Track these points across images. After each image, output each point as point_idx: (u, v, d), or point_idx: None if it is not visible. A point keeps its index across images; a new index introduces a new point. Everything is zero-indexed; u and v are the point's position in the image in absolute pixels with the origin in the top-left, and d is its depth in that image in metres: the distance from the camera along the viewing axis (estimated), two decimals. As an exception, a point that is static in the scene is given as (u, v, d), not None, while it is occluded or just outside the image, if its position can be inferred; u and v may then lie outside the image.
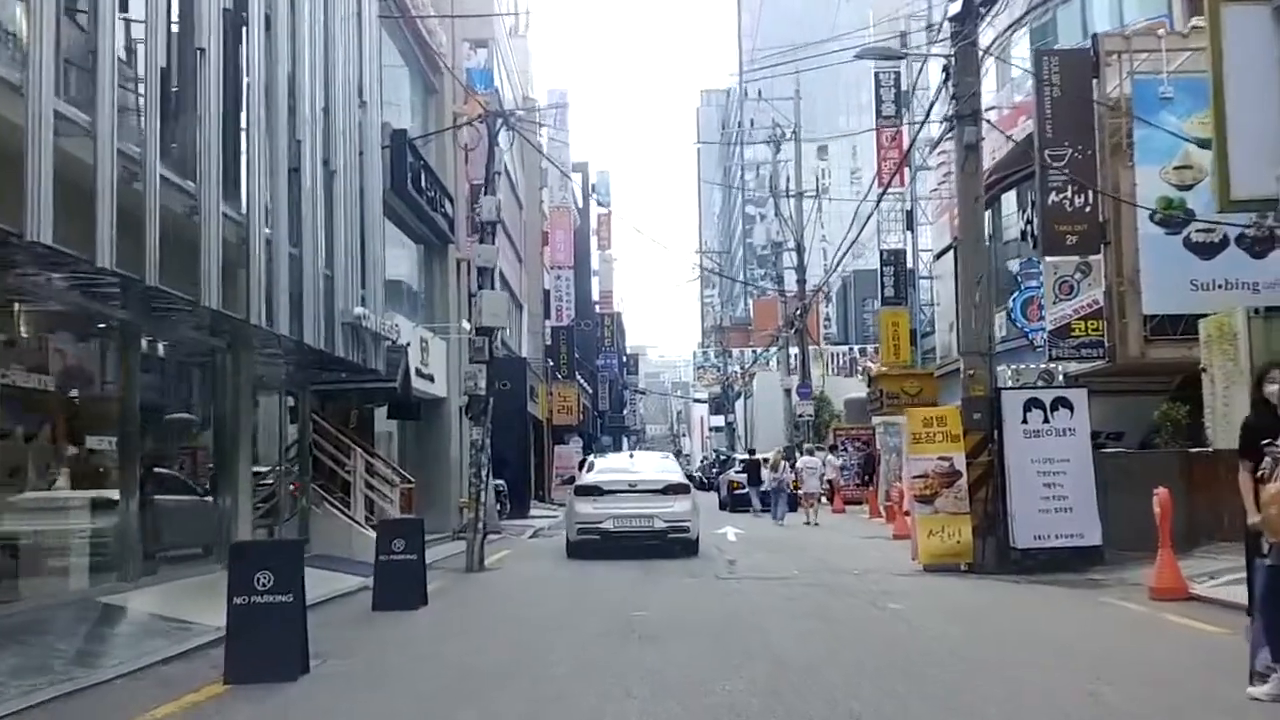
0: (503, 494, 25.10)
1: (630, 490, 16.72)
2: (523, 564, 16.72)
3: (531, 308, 39.42)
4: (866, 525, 24.68)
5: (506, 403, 30.21)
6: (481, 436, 15.55)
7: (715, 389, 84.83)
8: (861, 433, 34.41)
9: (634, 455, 23.70)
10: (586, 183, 61.90)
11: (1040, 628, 9.36)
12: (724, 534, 21.99)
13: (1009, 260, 26.87)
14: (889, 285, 34.94)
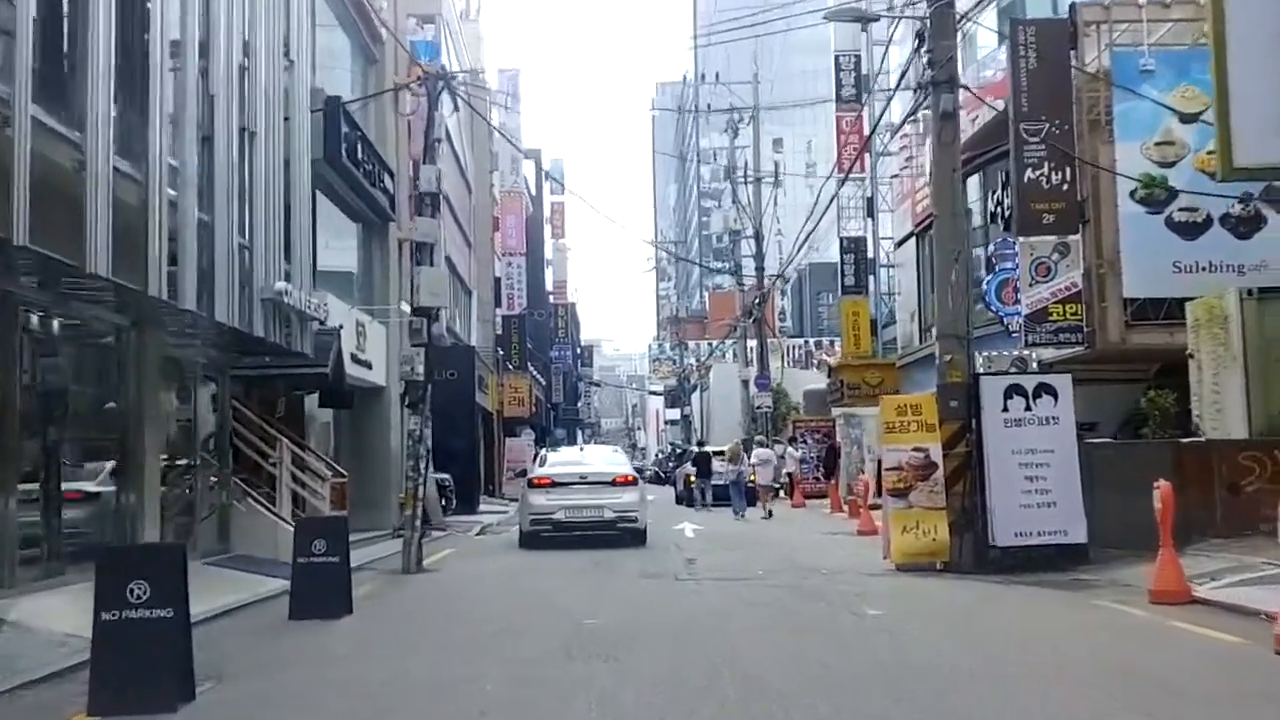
0: (448, 488, 23.88)
1: (581, 482, 17.22)
2: (466, 563, 15.53)
3: (481, 295, 38.13)
4: (829, 520, 23.72)
5: (454, 393, 28.99)
6: (419, 426, 14.33)
7: (671, 382, 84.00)
8: (821, 425, 33.51)
9: (584, 449, 24.44)
10: (540, 170, 60.55)
11: (1037, 638, 8.35)
12: (681, 529, 20.92)
13: (975, 248, 26.02)
14: (849, 274, 34.10)
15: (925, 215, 30.53)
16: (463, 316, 35.04)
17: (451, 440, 28.66)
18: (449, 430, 28.86)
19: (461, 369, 29.40)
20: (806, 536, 18.96)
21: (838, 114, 34.78)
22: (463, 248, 34.64)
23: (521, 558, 16.03)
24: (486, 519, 26.36)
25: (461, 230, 34.33)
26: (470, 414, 29.60)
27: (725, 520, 24.12)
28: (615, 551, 16.14)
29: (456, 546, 18.39)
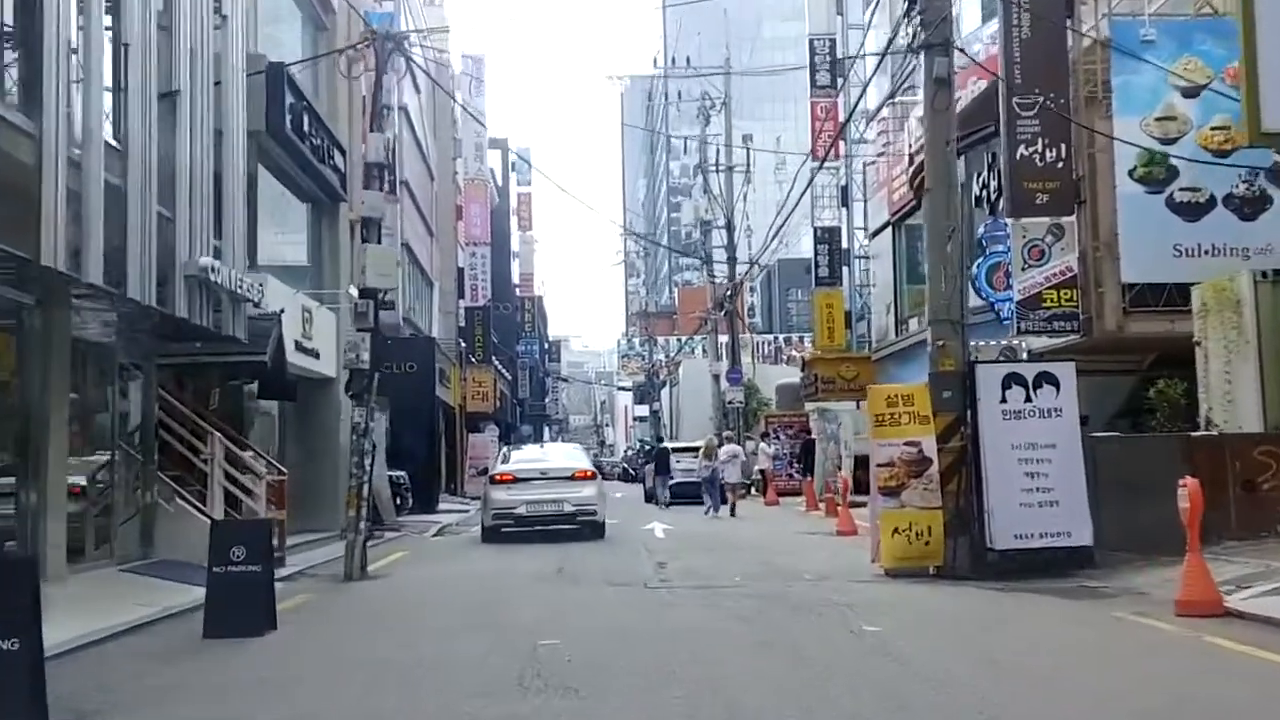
0: (403, 486, 22.61)
1: (541, 478, 17.65)
2: (416, 569, 14.31)
3: (444, 286, 36.82)
4: (804, 519, 22.67)
5: (412, 386, 27.72)
6: (364, 419, 13.08)
7: (640, 378, 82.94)
8: (795, 420, 32.50)
9: (544, 447, 25.40)
10: (506, 160, 59.24)
11: (1063, 661, 7.26)
12: (651, 529, 19.80)
13: (956, 234, 25.03)
14: (823, 265, 33.11)
15: (903, 203, 29.54)
16: (424, 308, 33.73)
17: (409, 436, 27.46)
18: (407, 425, 27.64)
19: (421, 361, 28.15)
20: (783, 537, 17.88)
21: (812, 100, 33.76)
22: (424, 237, 33.34)
23: (478, 562, 14.84)
24: (446, 518, 25.12)
25: (423, 218, 33.03)
26: (430, 408, 28.33)
27: (695, 519, 23.02)
28: (580, 553, 15.02)
29: (409, 549, 17.15)
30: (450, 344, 35.74)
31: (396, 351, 27.66)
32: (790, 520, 22.46)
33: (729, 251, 35.63)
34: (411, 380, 27.73)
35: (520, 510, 17.30)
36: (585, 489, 17.65)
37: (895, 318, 30.47)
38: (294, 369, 15.93)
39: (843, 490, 18.18)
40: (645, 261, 79.49)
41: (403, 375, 27.62)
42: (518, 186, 59.97)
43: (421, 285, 33.03)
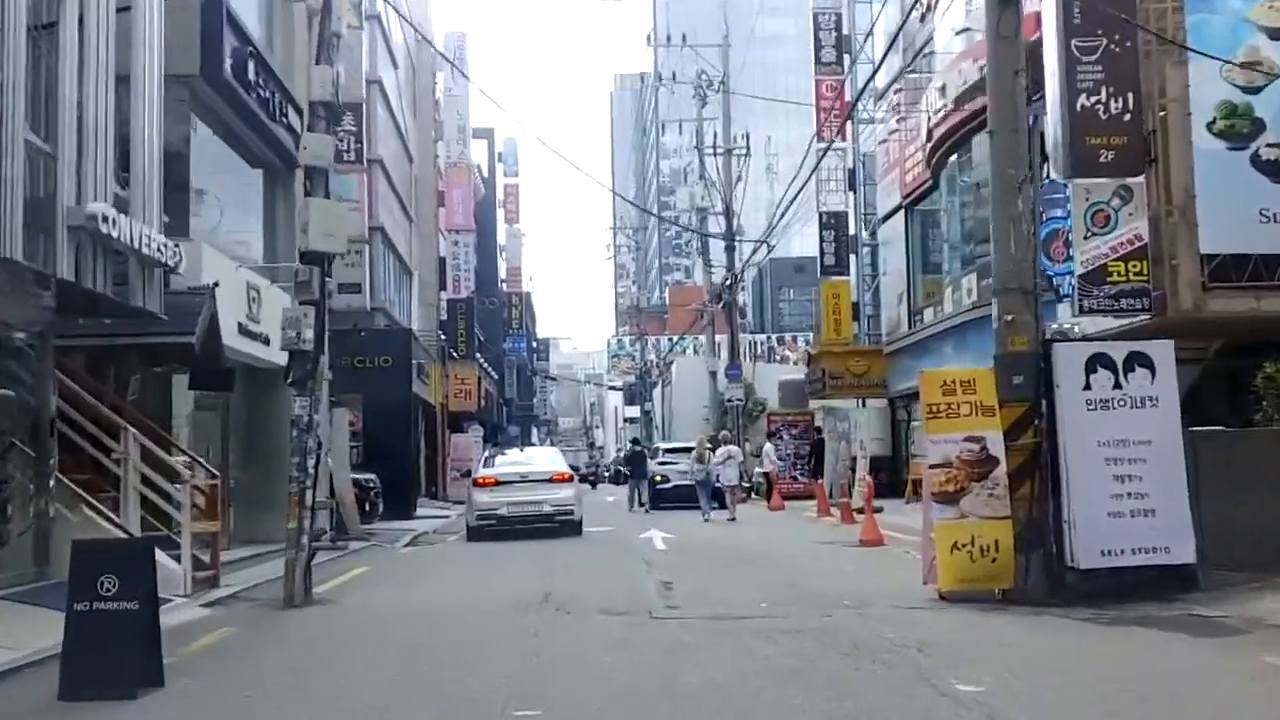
0: (372, 490, 20.34)
1: (522, 480, 18.59)
2: (374, 592, 12.04)
3: (424, 276, 34.56)
4: (817, 526, 20.49)
5: (387, 381, 25.52)
6: (307, 410, 10.81)
7: (630, 378, 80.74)
8: (799, 419, 30.32)
9: (525, 450, 26.29)
10: (493, 149, 57.04)
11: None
12: (649, 539, 17.60)
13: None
14: (829, 253, 31.00)
15: (916, 185, 27.38)
16: (403, 299, 31.48)
17: (384, 435, 25.25)
18: (382, 424, 25.42)
19: (397, 355, 25.93)
20: (801, 547, 15.69)
21: (817, 78, 31.65)
22: (402, 222, 31.09)
23: (448, 583, 12.63)
24: (422, 525, 22.88)
25: (400, 202, 30.79)
26: (406, 405, 26.10)
27: (694, 525, 20.83)
28: (570, 566, 12.87)
29: (373, 564, 14.90)
30: (431, 338, 33.51)
31: (370, 345, 25.48)
32: (802, 528, 20.28)
33: (728, 239, 33.46)
34: (387, 375, 25.54)
35: (502, 511, 18.15)
36: (563, 491, 18.57)
37: (908, 309, 28.36)
38: (235, 355, 13.71)
39: (867, 495, 16.02)
40: (636, 257, 77.29)
41: (377, 370, 25.45)
42: (504, 178, 57.81)
43: (399, 274, 30.78)
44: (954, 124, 21.99)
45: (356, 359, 25.42)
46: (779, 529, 20.11)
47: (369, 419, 25.59)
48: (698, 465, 23.74)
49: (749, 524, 21.51)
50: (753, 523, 21.89)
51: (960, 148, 22.86)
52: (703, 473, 23.34)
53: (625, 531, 19.46)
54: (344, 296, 19.33)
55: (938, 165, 24.59)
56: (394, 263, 29.46)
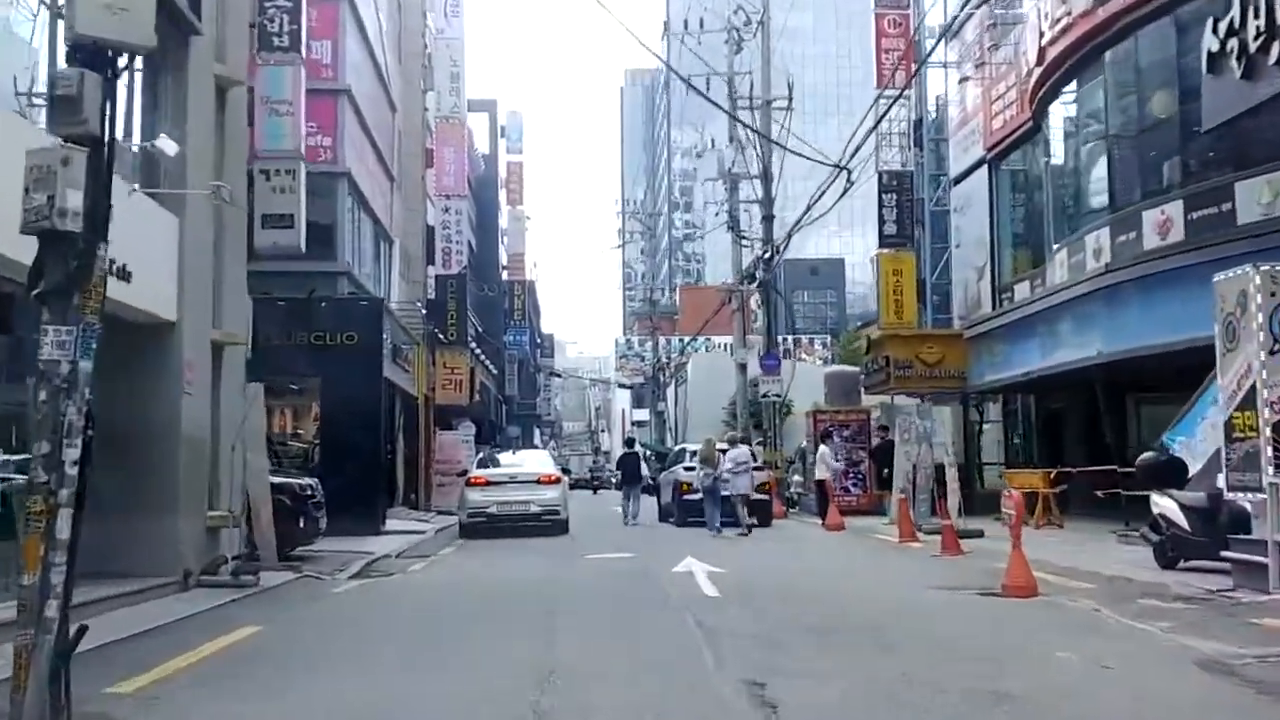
0: (311, 500, 15.19)
1: (511, 481, 19.54)
2: (211, 704, 6.83)
3: (409, 248, 29.58)
4: (905, 555, 15.44)
5: (351, 363, 20.48)
6: (66, 350, 5.63)
7: (639, 379, 75.91)
8: (852, 418, 25.22)
9: (517, 453, 26.11)
10: (495, 124, 52.10)
11: None
12: (688, 573, 12.57)
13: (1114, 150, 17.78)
14: (889, 219, 25.93)
15: (1008, 132, 22.21)
16: (380, 272, 26.49)
17: (347, 430, 20.28)
18: (344, 416, 20.41)
19: (365, 330, 20.88)
20: (920, 596, 10.64)
21: (877, 12, 26.66)
22: (379, 177, 26.11)
23: (372, 669, 7.47)
24: (388, 544, 17.84)
25: (378, 154, 25.82)
26: (375, 394, 21.03)
27: (737, 550, 15.87)
28: (580, 647, 7.77)
29: (270, 621, 9.59)
30: (415, 322, 28.50)
31: (332, 317, 20.53)
32: (890, 559, 15.22)
33: (764, 208, 28.41)
34: (352, 356, 20.50)
35: (492, 510, 18.99)
36: (549, 492, 19.37)
37: (992, 285, 23.23)
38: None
39: (1015, 514, 10.87)
40: (646, 249, 72.24)
41: (340, 349, 20.44)
42: (507, 155, 52.89)
43: (376, 240, 25.78)
44: (1085, 32, 16.93)
45: (314, 335, 20.48)
46: (861, 560, 15.05)
47: (328, 410, 20.63)
48: (703, 471, 19.62)
49: (812, 550, 16.51)
50: (816, 548, 16.88)
51: (1087, 69, 17.80)
52: (710, 479, 19.45)
53: (652, 561, 14.46)
54: (271, 232, 14.31)
55: (1046, 98, 19.52)
56: (367, 222, 24.49)
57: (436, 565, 15.04)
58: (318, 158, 21.25)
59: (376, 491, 20.78)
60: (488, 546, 18.41)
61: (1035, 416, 24.63)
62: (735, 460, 19.56)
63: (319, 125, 21.04)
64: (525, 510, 18.88)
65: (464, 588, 12.07)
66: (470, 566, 14.77)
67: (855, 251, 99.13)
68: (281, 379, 20.97)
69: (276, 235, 14.31)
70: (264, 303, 20.19)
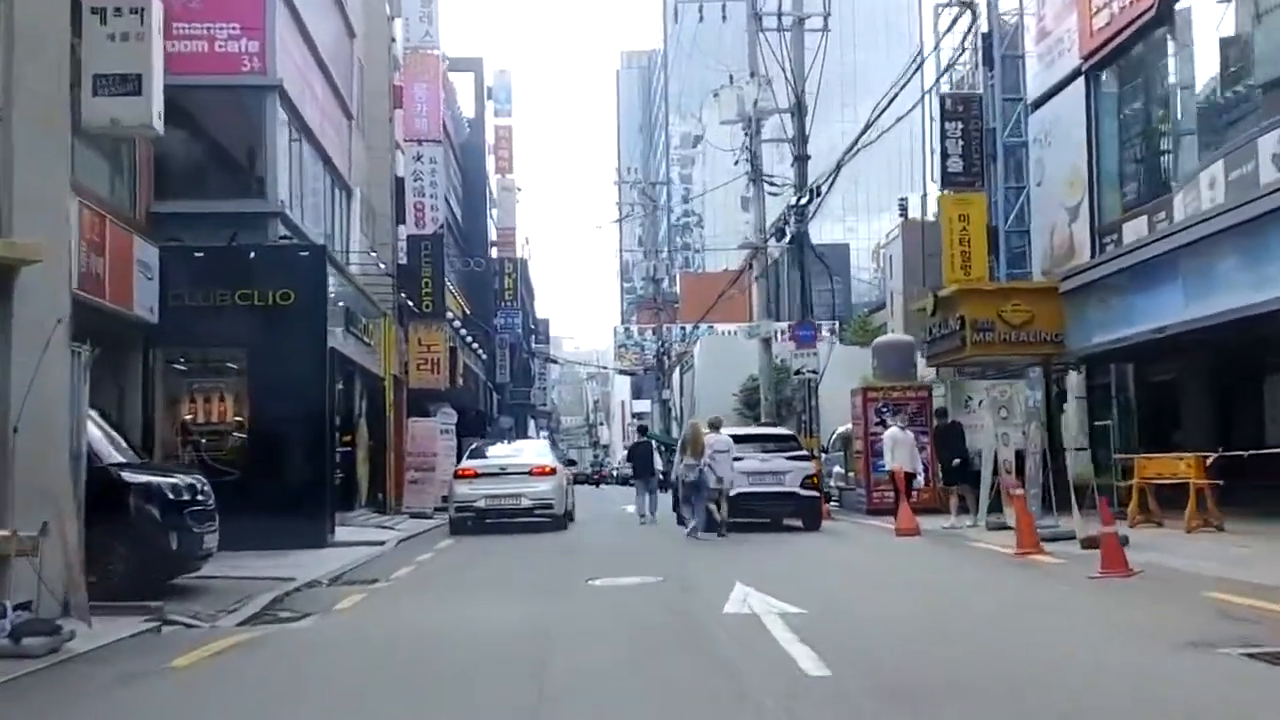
0: (195, 506, 10.41)
1: (501, 473, 18.06)
2: None
3: (376, 204, 24.99)
4: (1045, 573, 10.91)
5: (287, 331, 15.99)
6: None
7: (640, 369, 71.46)
8: (910, 395, 20.62)
9: (511, 444, 25.14)
10: (481, 85, 47.46)
11: None
12: (749, 615, 8.13)
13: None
14: (953, 154, 21.37)
15: (1116, 30, 17.69)
16: (337, 225, 21.90)
17: (282, 414, 15.84)
18: (277, 397, 15.94)
19: (304, 288, 16.30)
20: (1172, 665, 6.08)
21: (933, -96, 22.01)
22: (333, 112, 21.52)
23: None
24: (328, 563, 13.27)
25: (331, 85, 21.22)
26: (318, 368, 16.40)
27: (808, 567, 11.37)
28: None
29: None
30: (383, 289, 23.93)
31: (260, 270, 16.01)
32: (1029, 582, 10.67)
33: (797, 148, 23.81)
34: (286, 321, 15.96)
35: (480, 504, 17.66)
36: (542, 484, 17.93)
37: (1092, 226, 18.64)
38: None
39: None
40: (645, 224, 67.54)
41: (270, 311, 15.91)
42: (495, 118, 48.25)
43: (327, 183, 21.17)
44: None
45: (239, 293, 15.92)
46: (998, 588, 10.44)
47: (258, 390, 16.13)
48: (687, 460, 16.24)
49: (906, 569, 12.00)
50: (909, 566, 12.33)
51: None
52: (695, 470, 15.96)
53: (689, 591, 9.93)
54: (106, 100, 9.65)
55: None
56: (314, 158, 19.87)
57: (376, 599, 10.47)
58: (240, 67, 16.73)
59: (321, 492, 16.18)
60: (459, 564, 13.88)
61: (1135, 391, 20.10)
62: (714, 447, 16.11)
63: (241, 26, 16.48)
64: (516, 504, 17.58)
65: (395, 651, 7.52)
66: (421, 603, 10.22)
67: (859, 237, 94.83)
68: (196, 350, 16.51)
69: (114, 106, 9.65)
70: (173, 253, 15.79)
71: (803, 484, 16.93)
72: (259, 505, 15.14)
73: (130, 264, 14.67)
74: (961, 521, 16.16)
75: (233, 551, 13.24)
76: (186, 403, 16.42)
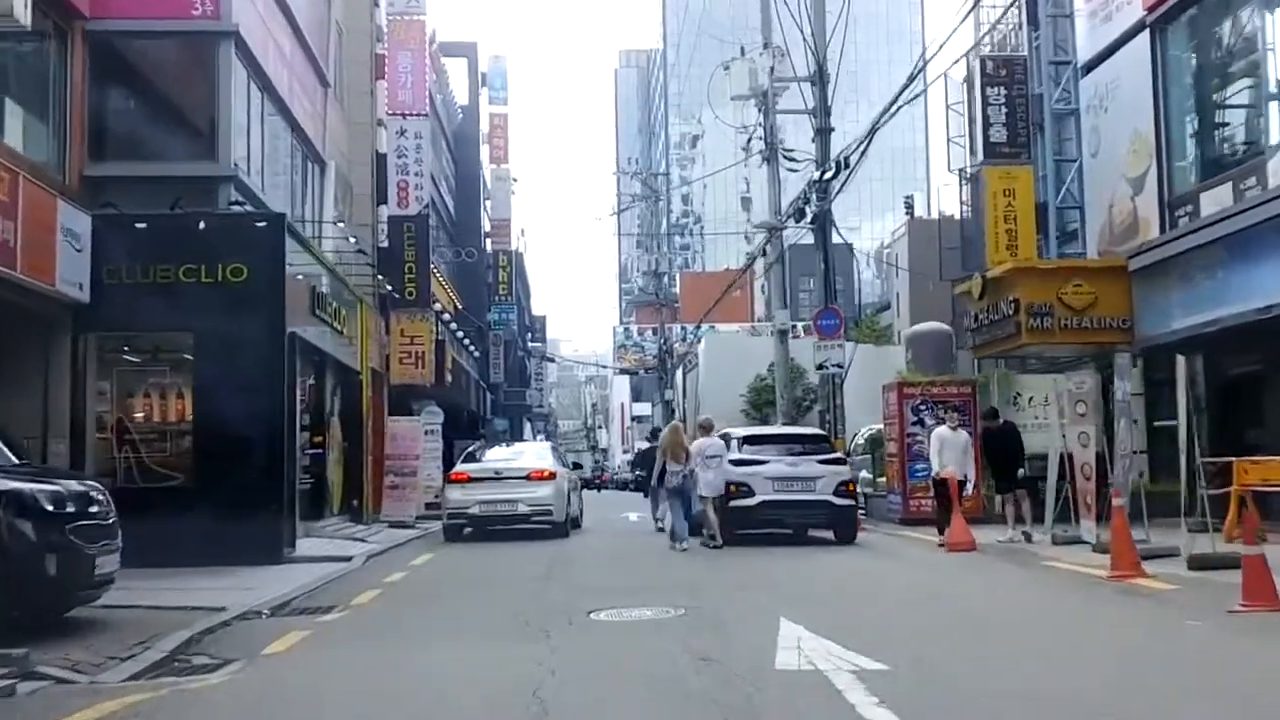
0: (86, 520, 8.12)
1: (496, 477, 16.97)
2: None
3: (353, 180, 22.76)
4: (1163, 602, 8.68)
5: (239, 313, 13.73)
6: None
7: (640, 370, 69.34)
8: (953, 391, 18.36)
9: (511, 446, 23.62)
10: (475, 70, 45.25)
11: None
12: (816, 674, 5.93)
13: None
14: (996, 122, 19.20)
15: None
16: (308, 200, 19.68)
17: (232, 410, 13.62)
18: (228, 389, 13.72)
19: (258, 262, 14.05)
20: None
21: None
22: (305, 75, 19.32)
23: None
24: (276, 586, 11.02)
25: (302, 44, 19.00)
26: (276, 357, 14.10)
27: (814, 588, 9.08)
28: None
29: None
30: (363, 277, 21.70)
31: (208, 242, 13.80)
32: (1157, 623, 8.42)
33: (818, 119, 21.57)
34: (239, 301, 13.72)
35: (474, 510, 16.69)
36: (541, 489, 16.77)
37: (1161, 198, 16.40)
38: None
39: None
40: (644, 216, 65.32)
41: (221, 290, 13.70)
42: (490, 106, 46.02)
43: (293, 153, 18.94)
44: None
45: (184, 269, 13.69)
46: (1117, 631, 8.17)
47: (206, 381, 13.94)
48: (672, 466, 14.87)
49: (985, 597, 9.73)
50: (987, 592, 10.07)
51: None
52: (679, 476, 14.69)
53: (722, 634, 7.69)
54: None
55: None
56: (278, 119, 17.62)
57: (320, 639, 8.22)
58: (190, 10, 14.48)
59: (279, 500, 13.89)
60: (435, 586, 11.65)
61: (1206, 386, 17.84)
62: (703, 452, 14.78)
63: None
64: (512, 510, 16.51)
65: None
66: (376, 646, 7.95)
67: (862, 237, 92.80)
68: (135, 334, 14.26)
69: None
70: (109, 222, 13.55)
71: (837, 490, 14.71)
72: (207, 515, 13.17)
73: (53, 232, 12.49)
74: (1018, 533, 13.95)
75: (174, 569, 11.25)
76: (124, 396, 14.19)
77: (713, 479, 14.59)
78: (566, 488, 17.63)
